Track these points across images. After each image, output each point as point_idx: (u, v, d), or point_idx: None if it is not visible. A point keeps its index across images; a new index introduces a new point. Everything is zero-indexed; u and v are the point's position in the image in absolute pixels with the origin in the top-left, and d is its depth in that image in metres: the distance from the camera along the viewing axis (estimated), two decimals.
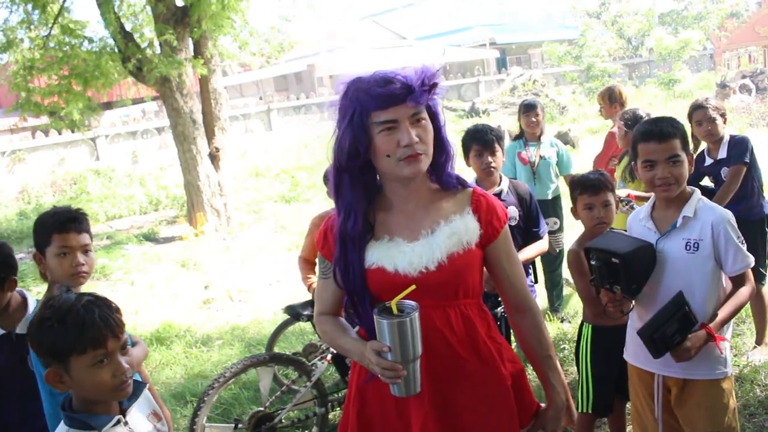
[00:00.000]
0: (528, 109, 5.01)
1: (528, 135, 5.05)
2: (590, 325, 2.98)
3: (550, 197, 5.02)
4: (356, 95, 1.68)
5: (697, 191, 2.43)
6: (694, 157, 4.19)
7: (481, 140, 3.37)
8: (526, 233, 3.44)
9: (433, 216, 1.79)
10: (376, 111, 1.66)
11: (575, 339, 4.65)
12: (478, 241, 1.80)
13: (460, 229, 1.77)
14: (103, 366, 1.60)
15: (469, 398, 1.78)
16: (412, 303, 1.65)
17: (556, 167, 5.03)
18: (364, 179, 1.77)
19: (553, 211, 5.00)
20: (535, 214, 3.47)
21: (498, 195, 3.35)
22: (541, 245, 3.48)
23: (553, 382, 1.87)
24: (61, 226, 2.30)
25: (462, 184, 1.86)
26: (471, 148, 3.41)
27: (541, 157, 4.97)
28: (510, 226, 3.30)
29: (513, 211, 3.37)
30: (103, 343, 1.59)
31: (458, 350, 1.77)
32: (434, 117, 1.76)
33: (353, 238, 1.77)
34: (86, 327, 1.57)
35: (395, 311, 1.64)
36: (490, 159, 3.36)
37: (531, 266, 3.57)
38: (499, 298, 3.17)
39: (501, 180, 3.46)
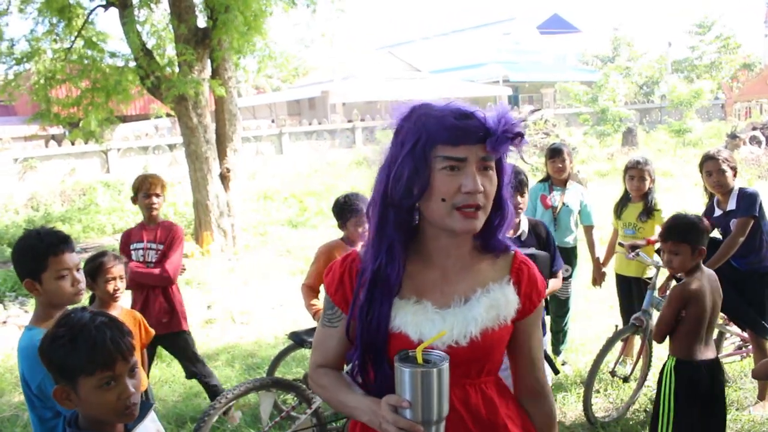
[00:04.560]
0: (554, 154, 4.96)
1: (554, 179, 5.01)
2: (674, 358, 3.01)
3: (570, 245, 4.98)
4: (424, 121, 1.45)
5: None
6: (705, 207, 4.24)
7: (515, 180, 3.26)
8: None
9: (470, 280, 1.57)
10: (443, 144, 1.43)
11: (575, 382, 4.64)
12: (514, 317, 1.58)
13: (499, 303, 1.55)
14: (110, 388, 1.61)
15: None
16: (441, 353, 1.42)
17: (577, 216, 4.99)
18: (409, 220, 1.54)
19: (567, 258, 4.93)
20: (552, 251, 3.46)
21: (519, 238, 3.36)
22: (555, 282, 3.49)
23: None
24: (56, 249, 2.27)
25: (506, 247, 1.64)
26: None
27: (563, 204, 4.92)
28: None
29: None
30: (111, 366, 1.60)
31: None
32: (501, 172, 1.53)
33: (390, 286, 1.52)
34: (97, 348, 1.58)
35: (420, 361, 1.40)
36: (519, 200, 3.32)
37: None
38: None
39: (520, 223, 3.44)
